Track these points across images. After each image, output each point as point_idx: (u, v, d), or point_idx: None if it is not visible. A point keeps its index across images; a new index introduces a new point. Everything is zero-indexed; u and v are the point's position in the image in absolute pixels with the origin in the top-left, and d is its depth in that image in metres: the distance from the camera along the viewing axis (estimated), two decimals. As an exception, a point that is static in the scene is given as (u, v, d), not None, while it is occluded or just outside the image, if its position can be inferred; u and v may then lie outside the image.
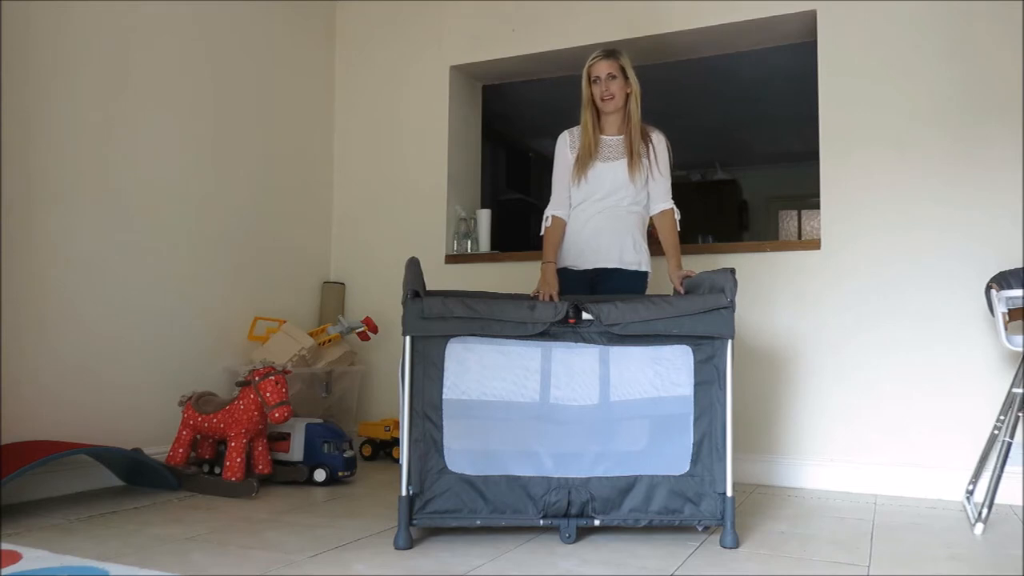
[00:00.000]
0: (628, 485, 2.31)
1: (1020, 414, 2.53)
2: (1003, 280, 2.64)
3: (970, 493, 2.81)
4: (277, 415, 2.89)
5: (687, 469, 2.31)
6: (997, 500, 2.58)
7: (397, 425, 3.69)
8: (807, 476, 3.19)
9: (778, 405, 3.29)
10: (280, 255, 3.93)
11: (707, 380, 2.33)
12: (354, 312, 4.14)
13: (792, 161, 7.67)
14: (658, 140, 2.85)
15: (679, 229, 2.86)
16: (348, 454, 3.15)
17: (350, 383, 3.84)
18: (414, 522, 2.25)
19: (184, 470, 3.01)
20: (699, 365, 2.34)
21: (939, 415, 3.04)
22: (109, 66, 3.11)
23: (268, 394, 2.91)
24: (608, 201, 2.79)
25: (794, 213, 8.53)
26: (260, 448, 3.04)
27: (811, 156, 3.56)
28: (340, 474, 3.11)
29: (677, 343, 2.35)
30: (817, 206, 3.47)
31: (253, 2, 3.79)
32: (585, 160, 2.81)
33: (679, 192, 2.97)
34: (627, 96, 2.82)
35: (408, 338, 2.29)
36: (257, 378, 2.93)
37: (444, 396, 2.30)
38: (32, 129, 2.83)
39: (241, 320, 3.68)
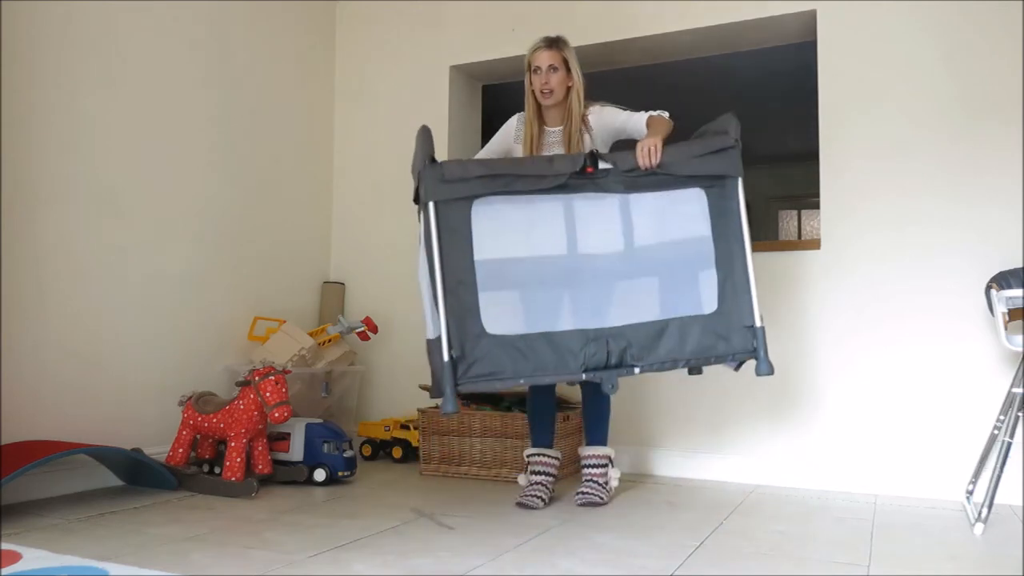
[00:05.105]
0: (661, 328, 2.35)
1: (1020, 414, 2.53)
2: (1003, 280, 2.64)
3: (970, 493, 2.81)
4: (277, 415, 2.89)
5: (715, 308, 2.38)
6: (997, 500, 2.58)
7: (397, 425, 3.69)
8: (807, 476, 3.19)
9: (778, 405, 3.29)
10: (280, 255, 3.93)
11: (723, 220, 2.42)
12: (354, 312, 4.14)
13: (792, 161, 7.68)
14: (596, 116, 2.78)
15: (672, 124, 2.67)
16: (348, 454, 3.15)
17: (350, 383, 3.84)
18: (459, 386, 2.23)
19: (184, 470, 3.01)
20: (714, 206, 2.42)
21: (939, 415, 3.03)
22: (109, 65, 3.11)
23: (268, 394, 2.91)
24: None
25: (794, 213, 8.54)
26: (260, 448, 3.04)
27: (811, 156, 3.56)
28: (340, 474, 3.11)
29: (690, 186, 2.42)
30: (817, 206, 3.48)
31: (253, 2, 3.79)
32: (530, 154, 2.78)
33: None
34: (568, 90, 2.77)
35: (432, 205, 2.28)
36: (257, 378, 2.93)
37: (476, 259, 2.29)
38: (32, 128, 2.83)
39: (241, 320, 3.67)
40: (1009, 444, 2.51)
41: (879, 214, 3.17)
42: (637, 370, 2.33)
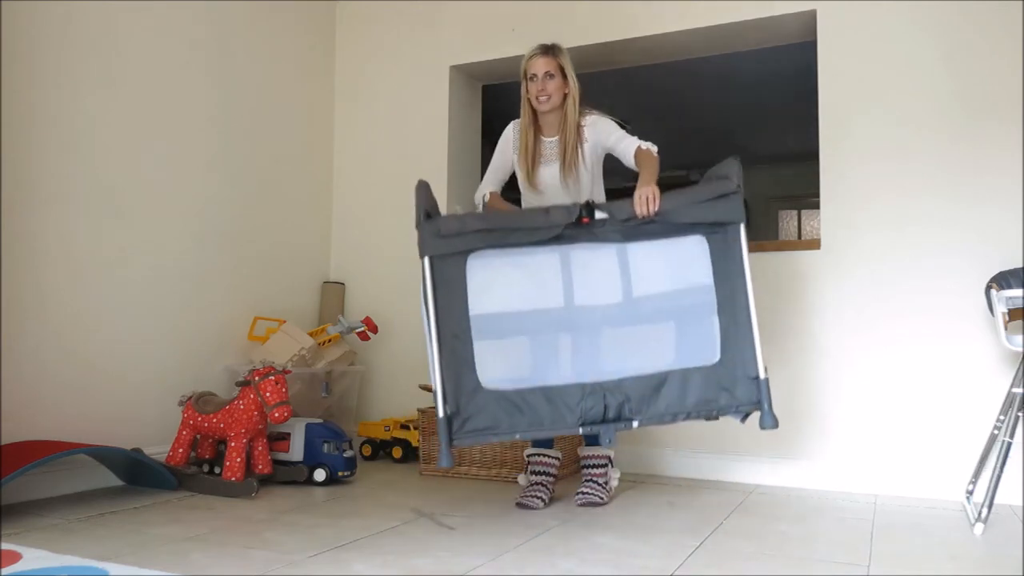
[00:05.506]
0: (660, 381, 2.29)
1: (1020, 414, 2.53)
2: (1003, 280, 2.64)
3: (970, 493, 2.81)
4: (277, 415, 2.89)
5: (718, 358, 2.31)
6: (997, 500, 2.58)
7: (397, 425, 3.69)
8: (807, 476, 3.19)
9: (778, 405, 3.27)
10: (280, 255, 3.93)
11: (725, 267, 2.33)
12: (354, 312, 4.14)
13: (792, 161, 7.68)
14: (591, 128, 2.74)
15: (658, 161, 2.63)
16: (348, 454, 3.15)
17: (350, 383, 3.84)
18: (454, 442, 2.21)
19: (184, 470, 3.01)
20: (716, 253, 2.34)
21: (939, 415, 3.03)
22: (109, 65, 3.10)
23: (268, 394, 2.91)
24: None
25: (794, 213, 8.54)
26: (260, 448, 3.04)
27: (811, 156, 3.56)
28: (340, 474, 3.11)
29: (691, 233, 2.35)
30: (817, 206, 3.48)
31: (253, 2, 3.79)
32: (528, 166, 2.76)
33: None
34: (564, 96, 2.74)
35: (427, 260, 2.27)
36: (257, 378, 2.93)
37: (471, 313, 2.27)
38: (32, 128, 2.83)
39: (241, 320, 3.67)
40: (1009, 444, 2.51)
41: (879, 214, 3.17)
42: (635, 424, 2.28)
